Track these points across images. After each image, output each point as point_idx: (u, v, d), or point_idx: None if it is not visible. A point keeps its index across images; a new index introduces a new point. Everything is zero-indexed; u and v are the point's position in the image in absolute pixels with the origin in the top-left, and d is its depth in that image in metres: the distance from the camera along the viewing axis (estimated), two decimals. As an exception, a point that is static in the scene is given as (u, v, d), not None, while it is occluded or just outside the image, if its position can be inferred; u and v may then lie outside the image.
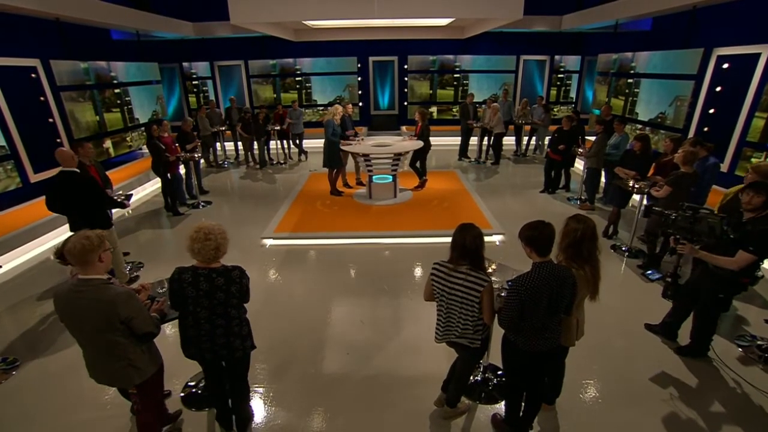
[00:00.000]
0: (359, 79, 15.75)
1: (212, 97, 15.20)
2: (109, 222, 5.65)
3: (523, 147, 13.25)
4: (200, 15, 13.18)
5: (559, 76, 15.52)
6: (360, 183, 10.06)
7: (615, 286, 5.73)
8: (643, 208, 6.06)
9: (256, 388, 4.04)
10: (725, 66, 7.70)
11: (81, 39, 9.77)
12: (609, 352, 4.48)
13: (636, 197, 7.35)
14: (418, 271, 6.17)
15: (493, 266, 3.98)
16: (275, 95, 15.39)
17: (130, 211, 8.96)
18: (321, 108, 15.31)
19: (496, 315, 3.13)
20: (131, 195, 6.65)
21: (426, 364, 4.23)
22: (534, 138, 13.25)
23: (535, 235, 2.84)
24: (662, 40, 9.90)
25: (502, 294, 3.37)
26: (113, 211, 6.29)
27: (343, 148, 8.92)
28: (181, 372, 4.16)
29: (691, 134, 8.26)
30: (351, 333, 4.83)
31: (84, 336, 2.80)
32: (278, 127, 12.16)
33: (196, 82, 15.39)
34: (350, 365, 4.33)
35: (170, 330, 4.76)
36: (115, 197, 5.93)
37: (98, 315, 2.69)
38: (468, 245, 2.98)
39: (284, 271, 6.29)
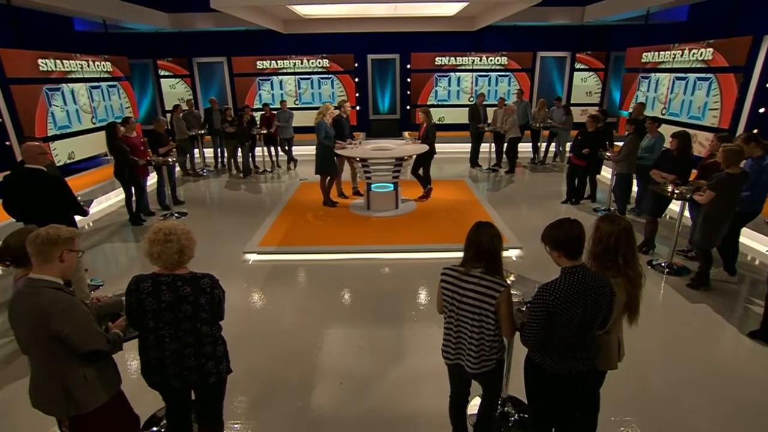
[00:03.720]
0: (356, 80, 15.75)
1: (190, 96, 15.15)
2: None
3: (542, 153, 13.14)
4: (178, 5, 13.17)
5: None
6: (357, 193, 9.90)
7: (656, 307, 5.53)
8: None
9: (232, 425, 3.82)
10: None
11: (37, 27, 9.72)
12: (651, 383, 4.27)
13: (674, 206, 7.22)
14: (422, 290, 6.04)
15: (512, 278, 3.81)
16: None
17: (91, 223, 8.80)
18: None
19: (519, 330, 2.95)
20: (91, 201, 6.53)
21: (432, 397, 4.01)
22: (554, 143, 13.15)
23: (562, 236, 2.71)
24: (701, 31, 9.85)
25: (523, 309, 3.23)
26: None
27: (338, 152, 8.78)
28: (139, 407, 3.90)
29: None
30: (345, 360, 4.67)
31: (22, 349, 2.63)
32: (265, 131, 12.04)
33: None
34: (344, 397, 4.15)
35: (128, 355, 4.50)
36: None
37: (28, 325, 2.50)
38: (484, 246, 2.87)
39: (269, 289, 6.17)
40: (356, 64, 15.72)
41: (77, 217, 5.95)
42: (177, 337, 2.83)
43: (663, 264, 6.47)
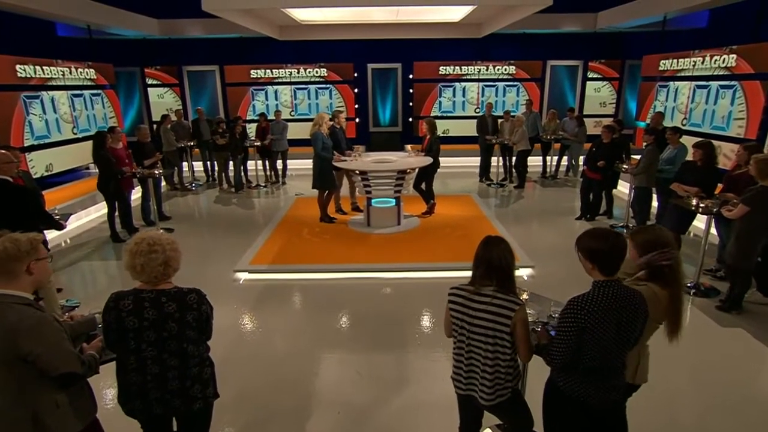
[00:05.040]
0: (356, 90, 15.76)
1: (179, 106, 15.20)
2: (45, 246, 5.36)
3: (553, 167, 13.11)
4: (167, 11, 13.21)
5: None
6: (356, 209, 9.81)
7: (684, 331, 5.30)
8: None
9: (218, 459, 3.68)
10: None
11: (17, 32, 9.72)
12: (681, 412, 4.17)
13: (698, 222, 7.12)
14: (426, 312, 5.96)
15: (525, 296, 3.71)
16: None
17: (69, 240, 8.72)
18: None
19: (540, 351, 2.86)
20: (69, 215, 6.44)
21: (438, 428, 3.94)
22: (566, 156, 13.09)
23: (603, 249, 2.59)
24: (723, 37, 9.88)
25: (538, 329, 3.14)
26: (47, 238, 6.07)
27: (336, 164, 8.72)
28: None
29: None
30: (343, 387, 4.58)
31: None
32: (259, 143, 12.00)
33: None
34: (342, 428, 4.06)
35: (104, 382, 4.36)
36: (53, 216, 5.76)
37: None
38: (495, 261, 2.81)
39: (261, 310, 6.10)
40: (356, 74, 15.78)
41: (54, 233, 5.93)
42: (160, 359, 2.72)
43: (689, 284, 6.32)
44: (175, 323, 2.69)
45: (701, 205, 5.94)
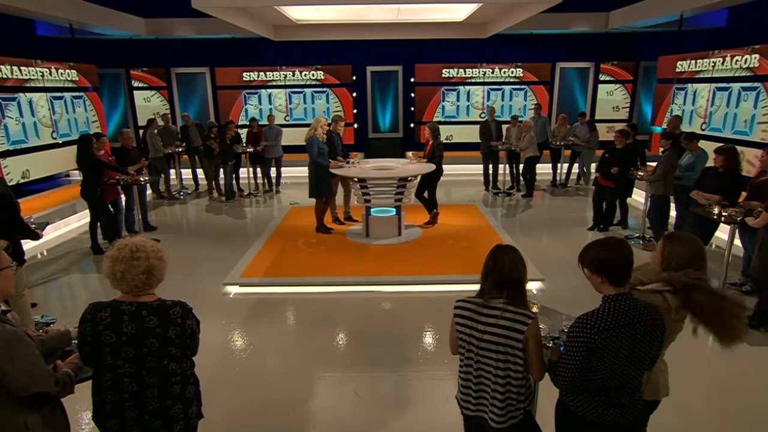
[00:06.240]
0: (354, 94, 15.77)
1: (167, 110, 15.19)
2: (21, 256, 5.47)
3: (563, 175, 13.09)
4: (155, 9, 13.24)
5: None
6: (349, 218, 9.82)
7: (707, 350, 5.28)
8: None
9: (203, 487, 3.58)
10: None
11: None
12: None
13: (721, 232, 7.07)
14: (429, 327, 5.92)
15: (535, 309, 3.63)
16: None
17: (45, 252, 8.68)
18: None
19: (549, 369, 2.78)
20: (46, 224, 6.42)
21: None
22: (577, 163, 13.08)
23: (608, 257, 2.55)
24: (744, 36, 9.90)
25: (550, 344, 3.10)
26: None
27: (333, 171, 8.68)
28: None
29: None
30: (340, 409, 4.52)
31: None
32: (251, 150, 11.97)
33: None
34: None
35: (80, 404, 4.27)
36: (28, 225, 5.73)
37: None
38: (506, 271, 2.75)
39: (253, 326, 6.07)
40: (354, 77, 15.83)
41: (30, 243, 5.89)
42: (139, 377, 2.65)
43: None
44: (156, 339, 2.62)
45: (724, 213, 5.88)
